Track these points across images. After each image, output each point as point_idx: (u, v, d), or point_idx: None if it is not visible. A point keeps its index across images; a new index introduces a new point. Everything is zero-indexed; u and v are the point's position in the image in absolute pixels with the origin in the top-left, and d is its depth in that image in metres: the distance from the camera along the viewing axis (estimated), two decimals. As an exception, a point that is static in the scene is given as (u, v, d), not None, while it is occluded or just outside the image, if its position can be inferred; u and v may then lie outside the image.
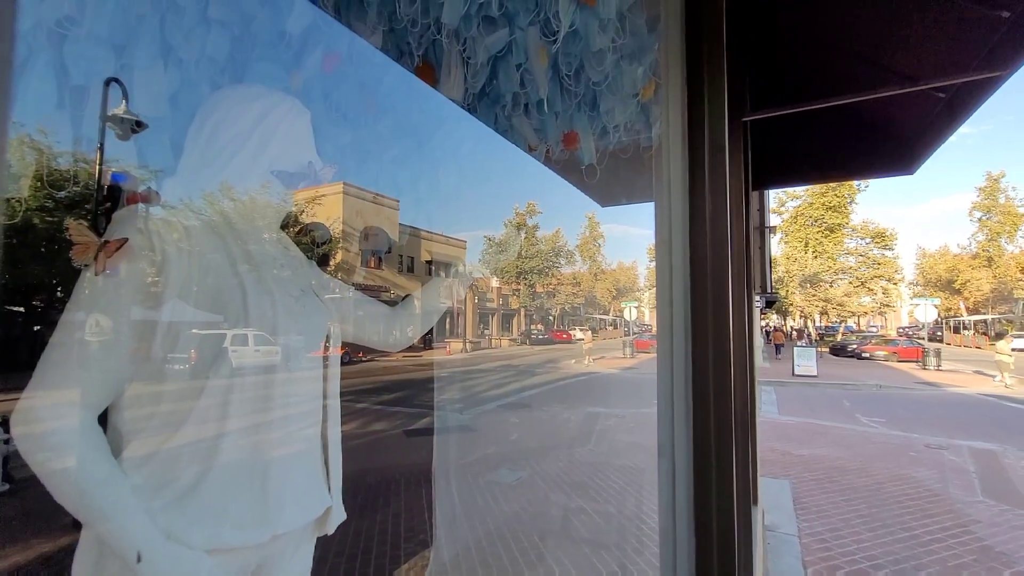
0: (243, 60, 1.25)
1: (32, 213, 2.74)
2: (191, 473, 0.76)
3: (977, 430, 7.87)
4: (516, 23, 1.19)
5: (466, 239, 22.94)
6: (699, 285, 1.18)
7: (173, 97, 1.22)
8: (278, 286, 0.89)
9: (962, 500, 4.61)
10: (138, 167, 1.75)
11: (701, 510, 1.19)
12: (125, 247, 0.69)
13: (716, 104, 1.11)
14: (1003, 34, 1.68)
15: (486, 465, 5.21)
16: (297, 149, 0.92)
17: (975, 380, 14.65)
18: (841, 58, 2.39)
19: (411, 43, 1.28)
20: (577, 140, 1.46)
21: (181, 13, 1.12)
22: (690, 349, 1.21)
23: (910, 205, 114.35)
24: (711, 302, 1.17)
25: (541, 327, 32.28)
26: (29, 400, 0.67)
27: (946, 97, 2.14)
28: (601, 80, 1.28)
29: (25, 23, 1.02)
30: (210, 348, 0.79)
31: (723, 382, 1.19)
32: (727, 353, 1.18)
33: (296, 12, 1.24)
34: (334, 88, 1.44)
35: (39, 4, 0.98)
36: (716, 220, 1.14)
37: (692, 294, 1.19)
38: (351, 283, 1.32)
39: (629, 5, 1.20)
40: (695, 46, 1.11)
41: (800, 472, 5.46)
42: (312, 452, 0.96)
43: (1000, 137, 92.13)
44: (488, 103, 1.53)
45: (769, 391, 12.07)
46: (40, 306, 4.62)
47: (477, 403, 9.22)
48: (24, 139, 1.83)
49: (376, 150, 3.08)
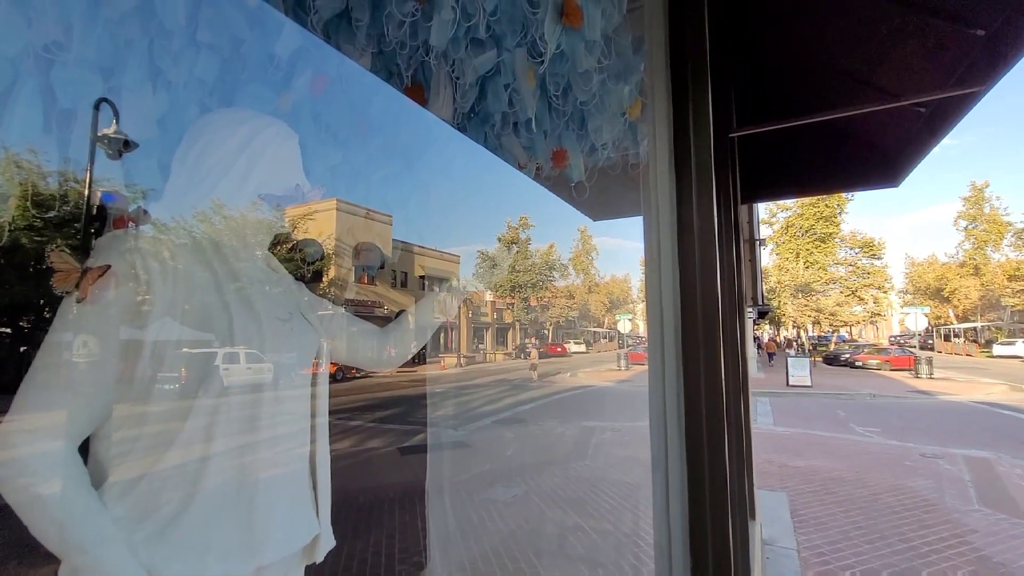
0: (232, 82, 1.26)
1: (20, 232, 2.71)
2: (174, 503, 0.74)
3: (971, 438, 7.90)
4: (503, 45, 1.20)
5: (459, 254, 22.97)
6: (689, 301, 1.19)
7: (162, 119, 1.23)
8: (265, 310, 0.88)
9: (959, 510, 4.61)
10: (127, 186, 1.75)
11: (696, 525, 1.18)
12: (108, 274, 0.68)
13: (701, 122, 1.12)
14: (979, 52, 1.73)
15: (481, 482, 5.15)
16: (284, 172, 0.92)
17: (967, 387, 14.73)
18: (825, 76, 2.44)
19: (400, 64, 1.29)
20: (566, 158, 1.47)
21: (170, 36, 1.13)
22: (681, 363, 1.21)
23: (897, 215, 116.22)
24: (701, 317, 1.18)
25: (535, 340, 32.21)
26: (9, 424, 0.65)
27: (927, 112, 2.19)
28: (588, 99, 1.30)
29: (12, 48, 1.02)
30: (196, 370, 0.78)
31: (715, 396, 1.18)
32: (718, 367, 1.18)
33: (285, 35, 1.25)
34: (324, 109, 1.45)
35: (27, 29, 0.98)
36: (704, 236, 1.15)
37: (682, 310, 1.19)
38: (344, 298, 1.31)
39: (614, 27, 1.22)
40: (679, 67, 1.14)
41: (797, 484, 5.44)
42: (300, 476, 0.94)
43: (983, 148, 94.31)
44: (478, 122, 1.55)
45: (764, 402, 12.08)
46: (27, 327, 4.56)
47: (472, 419, 9.15)
48: (13, 157, 1.83)
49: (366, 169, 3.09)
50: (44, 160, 1.89)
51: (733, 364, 1.99)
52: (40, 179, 2.04)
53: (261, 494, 0.83)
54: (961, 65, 1.84)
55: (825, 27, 2.14)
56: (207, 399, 0.77)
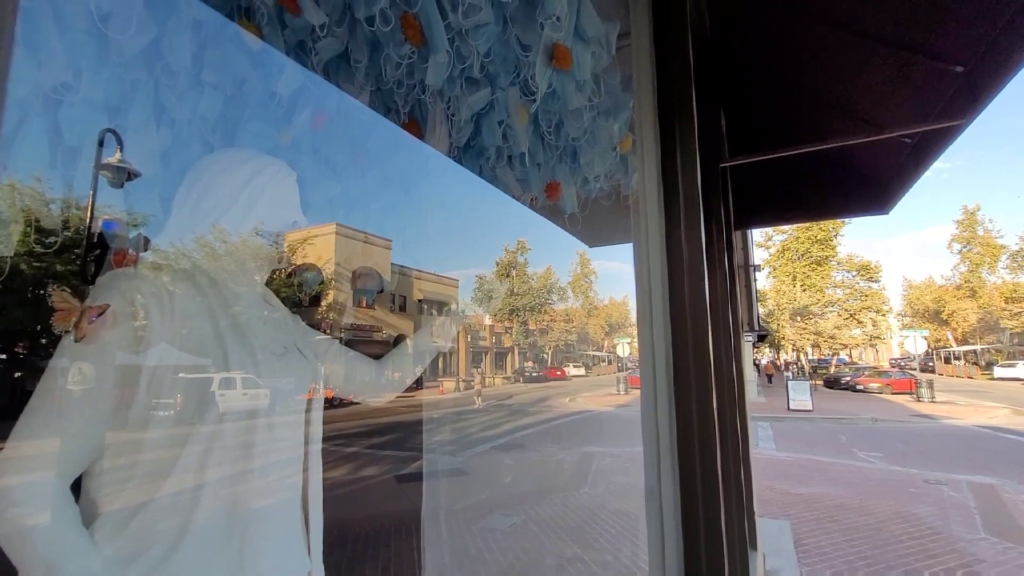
0: (235, 119, 1.30)
1: (20, 258, 2.73)
2: (166, 542, 0.74)
3: (975, 463, 7.80)
4: (497, 83, 1.25)
5: (458, 278, 23.04)
6: (679, 329, 1.20)
7: (165, 154, 1.26)
8: (261, 345, 0.89)
9: (964, 538, 4.52)
10: (129, 213, 1.78)
11: (691, 561, 1.17)
12: (106, 313, 0.69)
13: (688, 157, 1.16)
14: (958, 87, 1.79)
15: (479, 511, 5.06)
16: (282, 211, 0.94)
17: (970, 411, 14.61)
18: (813, 108, 2.51)
19: (398, 102, 1.33)
20: (559, 191, 1.50)
21: (175, 77, 1.17)
22: (673, 393, 1.21)
23: (892, 237, 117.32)
24: (692, 346, 1.19)
25: (534, 364, 32.02)
26: (3, 453, 0.66)
27: (912, 143, 2.24)
28: (580, 135, 1.34)
29: (21, 90, 1.06)
30: (192, 400, 0.78)
31: (707, 427, 1.19)
32: (710, 398, 1.19)
33: (287, 74, 1.30)
34: (323, 143, 1.49)
35: (37, 71, 1.02)
36: (693, 266, 1.17)
37: (673, 338, 1.20)
38: (343, 323, 1.32)
39: (604, 67, 1.27)
40: (666, 104, 1.18)
41: (800, 512, 5.35)
42: (292, 511, 0.94)
43: (972, 171, 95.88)
44: (473, 155, 1.59)
45: (765, 427, 11.95)
46: (23, 353, 4.53)
47: (470, 444, 9.03)
48: (16, 186, 1.86)
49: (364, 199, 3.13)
50: (48, 187, 1.93)
51: (729, 391, 1.99)
52: (43, 205, 2.07)
53: (253, 530, 0.82)
54: (942, 99, 1.90)
55: (812, 63, 2.21)
56: (204, 427, 0.78)
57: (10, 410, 0.69)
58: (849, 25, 1.86)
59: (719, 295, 1.87)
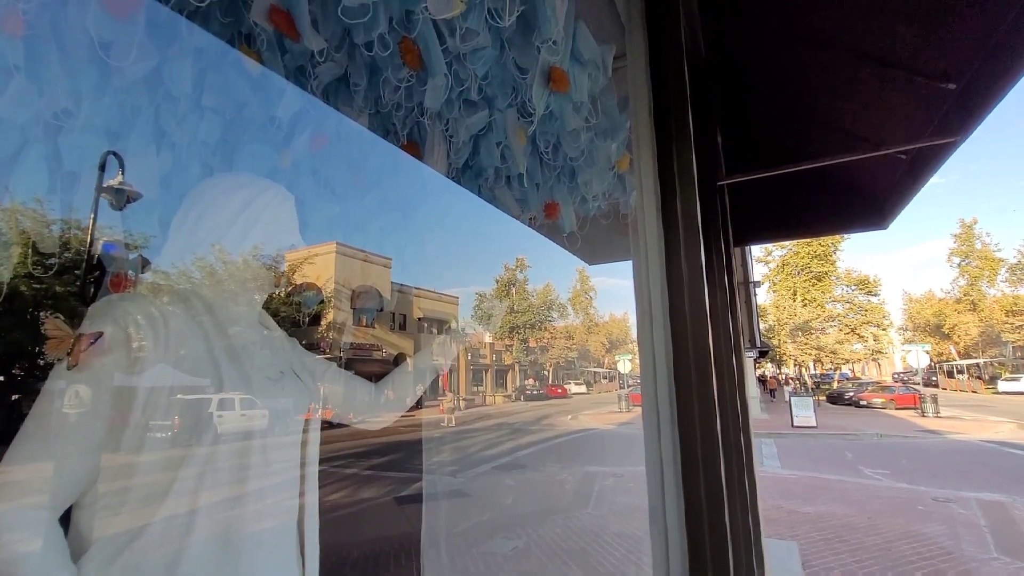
0: (234, 142, 1.31)
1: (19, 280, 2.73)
2: (157, 574, 0.71)
3: (983, 480, 7.69)
4: (495, 106, 1.26)
5: (457, 295, 23.04)
6: (680, 347, 1.19)
7: (165, 178, 1.27)
8: (256, 368, 0.88)
9: (976, 558, 4.43)
10: (127, 235, 1.78)
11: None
12: (100, 341, 0.69)
13: (686, 176, 1.16)
14: (952, 104, 1.81)
15: (480, 533, 4.96)
16: (279, 234, 0.94)
17: (975, 426, 14.46)
18: (808, 126, 2.54)
19: (396, 124, 1.34)
20: (558, 211, 1.51)
21: (175, 102, 1.18)
22: (675, 411, 1.19)
23: (891, 251, 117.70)
24: (694, 363, 1.18)
25: (535, 382, 31.81)
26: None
27: (908, 160, 2.26)
28: (578, 156, 1.35)
29: (23, 115, 1.06)
30: (190, 424, 0.77)
31: (711, 446, 1.17)
32: (713, 415, 1.17)
33: (287, 98, 1.31)
34: (323, 164, 1.50)
35: (38, 98, 1.03)
36: (693, 286, 1.17)
37: (674, 356, 1.19)
38: (342, 342, 1.31)
39: (601, 88, 1.28)
40: (663, 124, 1.18)
41: (807, 532, 5.25)
42: (287, 536, 0.91)
43: (969, 185, 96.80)
44: (472, 175, 1.59)
45: (770, 444, 11.81)
46: (20, 375, 4.51)
47: (470, 464, 8.91)
48: (17, 207, 1.87)
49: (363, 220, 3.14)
50: (49, 208, 1.94)
51: (732, 408, 1.97)
52: (44, 227, 2.08)
53: (247, 557, 0.80)
54: (936, 117, 1.92)
55: (807, 81, 2.25)
56: (200, 448, 0.76)
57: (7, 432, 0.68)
58: (841, 44, 1.89)
59: (720, 312, 1.86)
